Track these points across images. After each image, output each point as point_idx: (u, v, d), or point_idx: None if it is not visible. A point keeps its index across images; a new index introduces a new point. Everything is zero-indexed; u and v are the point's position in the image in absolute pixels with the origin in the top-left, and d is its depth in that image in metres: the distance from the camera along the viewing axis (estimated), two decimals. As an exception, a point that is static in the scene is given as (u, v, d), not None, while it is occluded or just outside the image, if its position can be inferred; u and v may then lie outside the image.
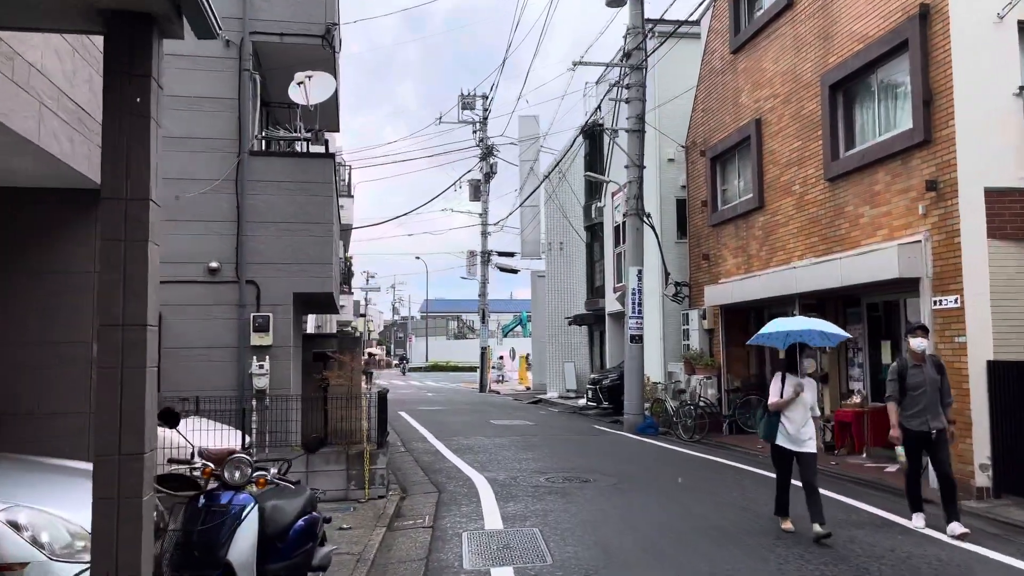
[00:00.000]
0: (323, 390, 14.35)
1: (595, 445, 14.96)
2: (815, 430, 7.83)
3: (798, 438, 7.66)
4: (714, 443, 15.09)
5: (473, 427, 18.18)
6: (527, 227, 30.38)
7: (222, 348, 9.96)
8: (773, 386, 7.84)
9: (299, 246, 10.18)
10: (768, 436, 7.89)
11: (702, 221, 17.45)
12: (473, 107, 36.87)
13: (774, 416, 7.79)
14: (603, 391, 21.45)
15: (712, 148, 16.79)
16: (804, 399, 7.67)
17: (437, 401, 28.06)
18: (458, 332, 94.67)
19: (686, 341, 17.91)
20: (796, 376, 7.82)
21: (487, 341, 36.75)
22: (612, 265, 22.97)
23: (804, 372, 7.90)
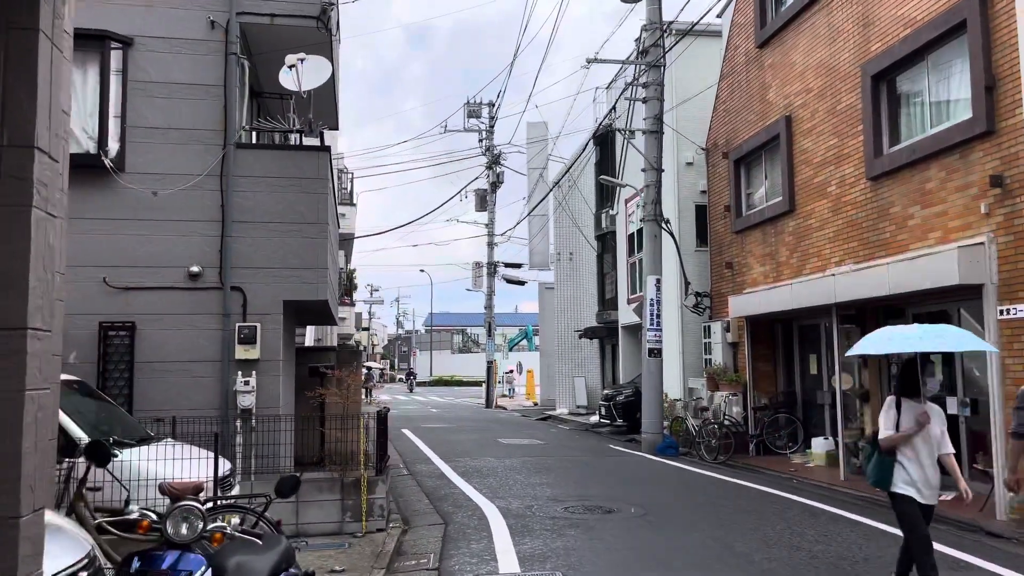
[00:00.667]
0: (320, 409, 13.33)
1: (613, 468, 13.86)
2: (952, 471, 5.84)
3: (928, 484, 5.66)
4: (741, 465, 13.98)
5: (481, 446, 17.09)
6: (535, 237, 29.36)
7: (203, 362, 8.92)
8: (885, 416, 5.78)
9: (290, 249, 9.15)
10: (880, 482, 5.80)
11: (725, 227, 16.40)
12: (479, 115, 35.97)
13: (888, 456, 5.73)
14: (617, 408, 20.35)
15: (736, 149, 15.77)
16: (931, 433, 5.68)
17: (442, 418, 26.96)
18: (463, 346, 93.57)
19: (708, 355, 16.83)
20: (917, 401, 5.79)
21: (493, 355, 35.68)
22: (626, 275, 21.92)
23: (926, 396, 6.02)
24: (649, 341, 16.27)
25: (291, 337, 10.70)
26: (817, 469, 12.97)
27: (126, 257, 8.90)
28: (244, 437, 8.85)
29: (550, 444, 17.82)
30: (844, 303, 11.65)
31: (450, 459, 14.80)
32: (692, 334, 17.78)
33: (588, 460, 14.93)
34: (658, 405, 16.27)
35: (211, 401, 8.86)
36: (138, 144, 9.01)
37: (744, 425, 15.10)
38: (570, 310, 28.15)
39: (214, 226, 9.08)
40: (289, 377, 10.19)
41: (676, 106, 17.86)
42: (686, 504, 10.13)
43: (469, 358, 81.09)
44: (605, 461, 14.74)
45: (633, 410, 19.83)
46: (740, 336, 15.60)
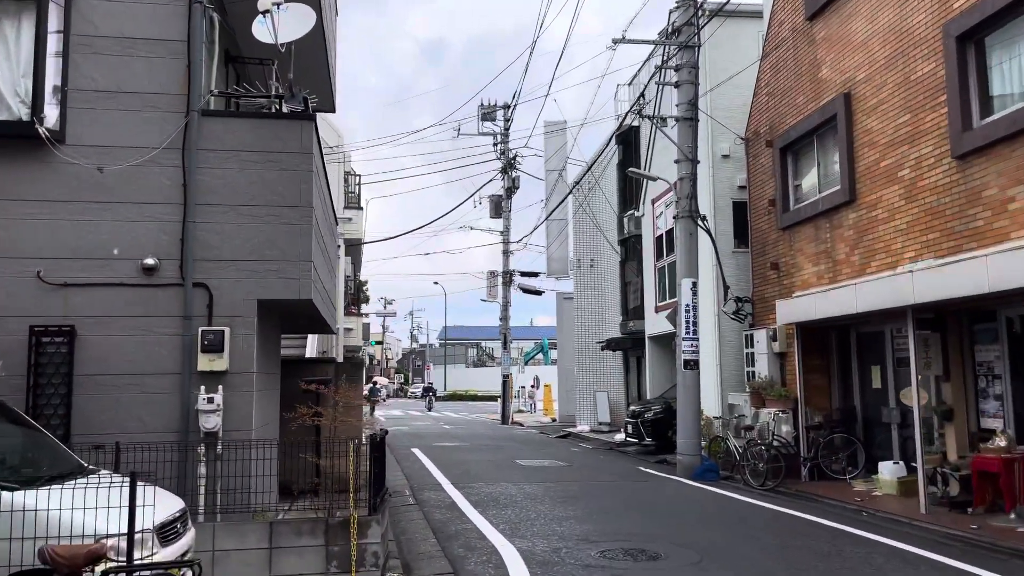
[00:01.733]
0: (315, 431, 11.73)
1: (649, 496, 12.12)
2: None
3: None
4: (794, 493, 12.21)
5: (497, 469, 15.38)
6: (553, 243, 27.71)
7: (159, 375, 7.30)
8: None
9: (267, 237, 7.54)
10: None
11: (769, 224, 14.68)
12: (493, 118, 34.45)
13: None
14: (645, 426, 18.58)
15: (782, 136, 14.07)
16: None
17: (455, 435, 25.26)
18: (477, 360, 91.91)
19: (750, 367, 15.07)
20: None
21: (509, 369, 33.96)
22: (653, 281, 20.21)
23: None
24: (685, 352, 14.54)
25: (274, 346, 9.07)
26: (887, 499, 11.18)
27: (65, 247, 7.32)
28: (208, 467, 7.20)
29: (573, 466, 16.09)
30: (923, 305, 9.90)
31: (463, 485, 13.11)
32: (731, 344, 16.03)
33: (618, 486, 13.19)
34: (696, 424, 14.52)
35: (168, 423, 7.23)
36: (82, 111, 7.44)
37: (795, 446, 13.32)
38: (591, 320, 26.44)
39: (174, 210, 7.48)
40: (270, 393, 8.55)
41: (710, 91, 16.20)
42: (747, 546, 8.39)
43: (484, 372, 79.43)
44: (638, 488, 13.00)
45: (663, 428, 18.12)
46: (789, 345, 13.85)
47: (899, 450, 12.05)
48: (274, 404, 8.80)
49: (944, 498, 10.24)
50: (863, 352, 13.11)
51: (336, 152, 22.45)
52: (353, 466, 7.18)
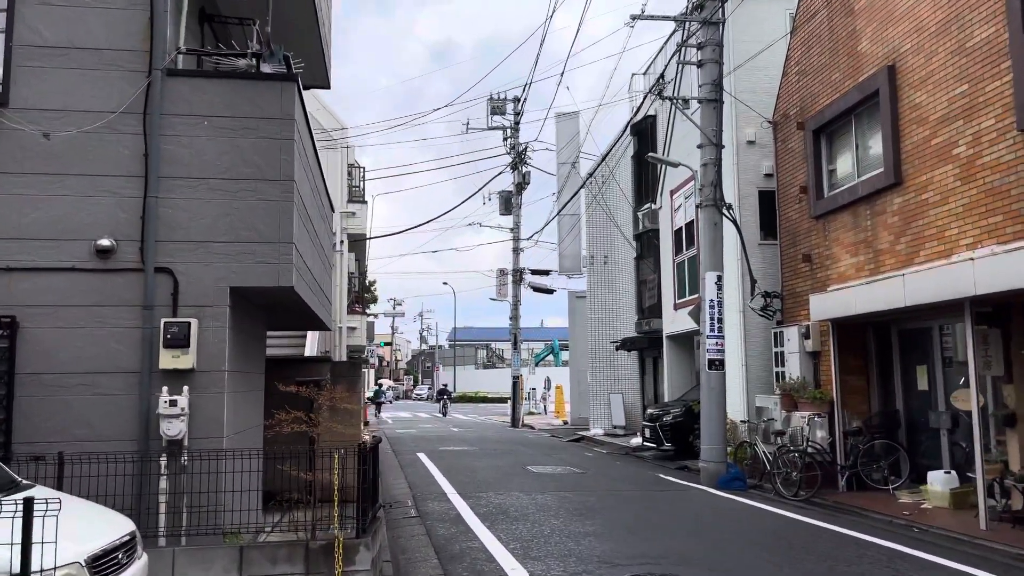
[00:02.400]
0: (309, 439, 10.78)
1: (673, 508, 11.06)
2: None
3: None
4: (832, 504, 11.15)
5: (507, 476, 14.35)
6: (565, 239, 26.65)
7: (114, 374, 6.31)
8: None
9: (241, 216, 6.54)
10: None
11: (800, 213, 13.61)
12: (503, 111, 33.45)
13: None
14: (664, 430, 17.51)
15: (815, 117, 13.00)
16: None
17: (463, 438, 24.23)
18: (487, 361, 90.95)
19: (779, 367, 13.99)
20: None
21: (520, 370, 32.91)
22: (672, 277, 19.14)
23: None
24: (709, 351, 13.47)
25: (256, 342, 8.08)
26: (938, 513, 10.09)
27: (7, 225, 6.36)
28: (171, 482, 6.20)
29: (589, 473, 15.04)
30: (984, 297, 8.81)
31: (470, 494, 12.09)
32: (757, 342, 14.96)
33: (638, 496, 12.15)
34: (721, 428, 13.45)
35: (124, 429, 6.24)
36: (28, 70, 6.48)
37: (831, 453, 12.24)
38: (605, 320, 25.38)
39: (133, 183, 6.50)
40: (249, 396, 7.55)
41: (733, 71, 15.14)
42: (794, 571, 7.33)
43: (494, 374, 78.43)
44: (660, 498, 11.94)
45: (683, 433, 17.07)
46: (823, 344, 12.77)
47: (949, 458, 10.96)
48: (256, 408, 7.80)
49: (1006, 512, 9.15)
50: (906, 351, 12.02)
51: (339, 143, 21.51)
52: (339, 480, 6.16)
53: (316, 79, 10.05)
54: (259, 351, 8.14)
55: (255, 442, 7.44)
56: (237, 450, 6.44)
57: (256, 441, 7.67)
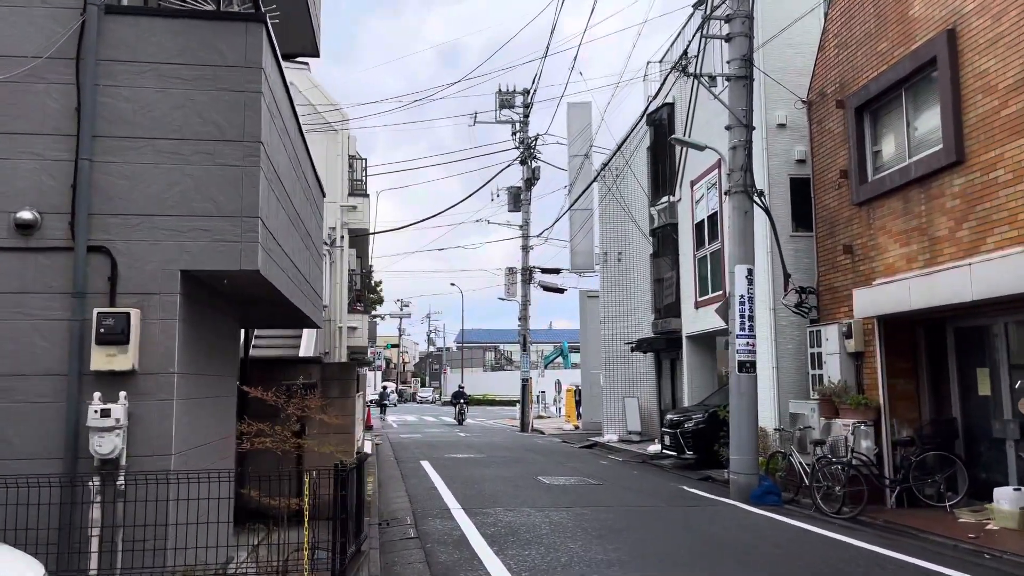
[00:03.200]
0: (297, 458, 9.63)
1: (706, 527, 9.82)
2: None
3: None
4: (882, 524, 9.92)
5: (516, 488, 13.15)
6: (577, 234, 25.42)
7: (36, 377, 5.14)
8: None
9: (197, 184, 5.37)
10: None
11: (839, 200, 12.37)
12: (512, 104, 32.28)
13: None
14: (685, 437, 16.27)
15: (857, 93, 11.77)
16: None
17: (470, 444, 23.03)
18: (495, 364, 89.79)
19: (816, 370, 12.74)
20: None
21: (529, 372, 31.68)
22: (692, 273, 17.91)
23: None
24: (740, 351, 12.24)
25: (223, 340, 6.87)
26: (1008, 535, 8.84)
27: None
28: (105, 511, 5.01)
29: (606, 485, 13.81)
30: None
31: (476, 510, 10.90)
32: (790, 342, 13.72)
33: (664, 513, 10.92)
34: (753, 437, 12.22)
35: (46, 445, 5.06)
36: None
37: (877, 465, 11.00)
38: (618, 319, 24.14)
39: (63, 144, 5.33)
40: (212, 404, 6.35)
41: (761, 46, 13.92)
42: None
43: (502, 376, 77.22)
44: (689, 515, 10.71)
45: (707, 440, 15.83)
46: (867, 344, 11.52)
47: (1017, 472, 9.70)
48: (221, 418, 6.61)
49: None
50: (964, 352, 10.77)
51: (337, 128, 20.37)
52: (310, 507, 4.98)
53: (302, 45, 8.87)
54: (229, 351, 6.97)
55: (221, 459, 6.25)
56: (191, 471, 5.25)
57: (223, 458, 6.48)
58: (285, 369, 10.38)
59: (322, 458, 10.05)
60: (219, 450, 6.36)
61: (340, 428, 10.44)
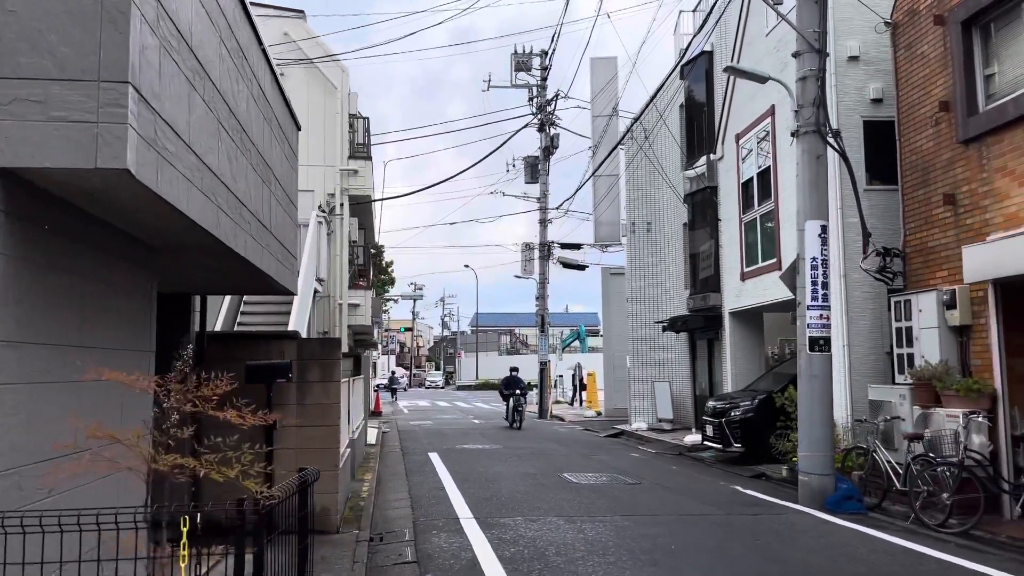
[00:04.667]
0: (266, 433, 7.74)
1: (781, 549, 7.65)
2: None
3: None
4: (1006, 541, 7.78)
5: (539, 489, 11.05)
6: (602, 203, 23.17)
7: None
8: None
9: (22, 26, 3.23)
10: None
11: (937, 140, 10.10)
12: (529, 68, 29.99)
13: None
14: (732, 427, 14.11)
15: (965, 4, 9.47)
16: None
17: (485, 433, 20.96)
18: (511, 347, 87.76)
19: (903, 348, 10.52)
20: None
21: (547, 355, 29.54)
22: (738, 240, 15.66)
23: None
24: (811, 326, 10.05)
25: (123, 300, 4.71)
26: None
27: None
28: None
29: (644, 485, 11.68)
30: None
31: (491, 519, 8.81)
32: (865, 315, 11.53)
33: (722, 524, 8.78)
34: (827, 429, 10.05)
35: None
36: None
37: (991, 466, 8.79)
38: (647, 296, 21.91)
39: None
40: (103, 394, 4.20)
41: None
42: None
43: (518, 360, 75.19)
44: (755, 528, 8.55)
45: (757, 431, 13.70)
46: (977, 315, 9.29)
47: None
48: (115, 416, 4.47)
49: None
50: (1108, 323, 8.54)
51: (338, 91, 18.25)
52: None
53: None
54: (133, 316, 4.84)
55: (117, 487, 4.11)
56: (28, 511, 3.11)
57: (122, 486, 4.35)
58: (253, 346, 8.28)
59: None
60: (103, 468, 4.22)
61: (321, 420, 8.35)
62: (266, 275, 6.63)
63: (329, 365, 8.46)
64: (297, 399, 8.34)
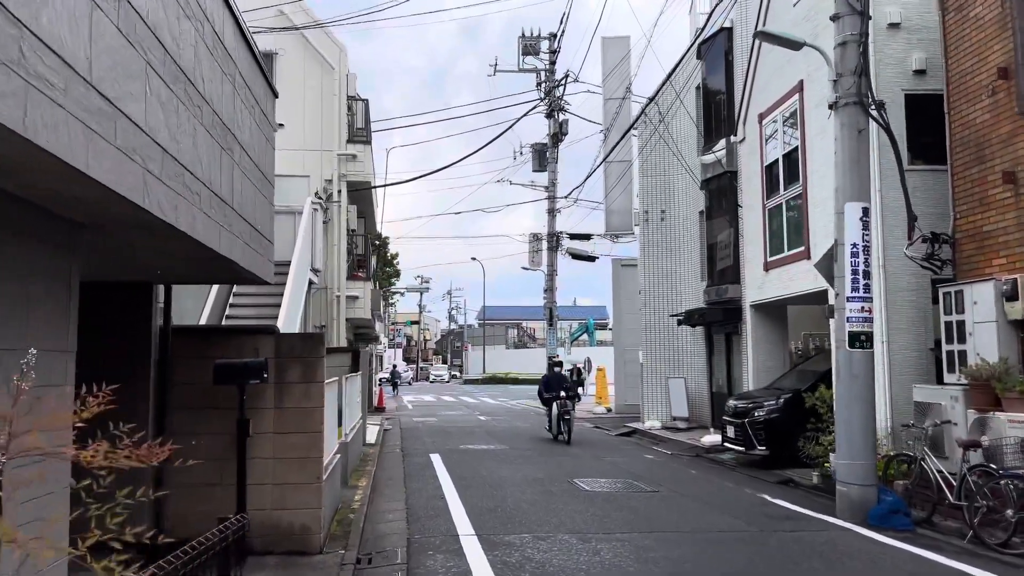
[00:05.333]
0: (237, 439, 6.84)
1: (822, 572, 6.65)
2: None
3: None
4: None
5: (548, 498, 10.07)
6: (613, 189, 22.10)
7: None
8: None
9: None
10: None
11: (993, 111, 9.04)
12: (537, 51, 28.92)
13: None
14: (756, 428, 13.11)
15: (1029, -44, 8.40)
16: None
17: (490, 431, 20.01)
18: (518, 341, 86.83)
19: (954, 345, 9.47)
20: None
21: (556, 349, 28.51)
22: (761, 228, 14.61)
23: None
24: (852, 320, 9.01)
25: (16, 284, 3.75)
26: None
27: None
28: None
29: (662, 493, 10.69)
30: None
31: (495, 537, 7.84)
32: (906, 308, 10.49)
33: (755, 542, 7.78)
34: (869, 435, 9.03)
35: None
36: None
37: (1060, 478, 7.75)
38: (661, 288, 20.87)
39: None
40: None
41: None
42: None
43: (525, 354, 74.31)
44: (792, 549, 7.54)
45: (783, 433, 12.74)
46: (1044, 307, 8.24)
47: None
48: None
49: None
50: None
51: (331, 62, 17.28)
52: None
53: None
54: (40, 304, 3.87)
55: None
56: None
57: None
58: (224, 343, 7.31)
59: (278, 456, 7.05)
60: None
61: (301, 426, 7.37)
62: (229, 260, 5.64)
63: (311, 364, 7.48)
64: (275, 402, 7.37)
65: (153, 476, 6.99)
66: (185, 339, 7.27)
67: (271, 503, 7.30)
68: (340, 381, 11.66)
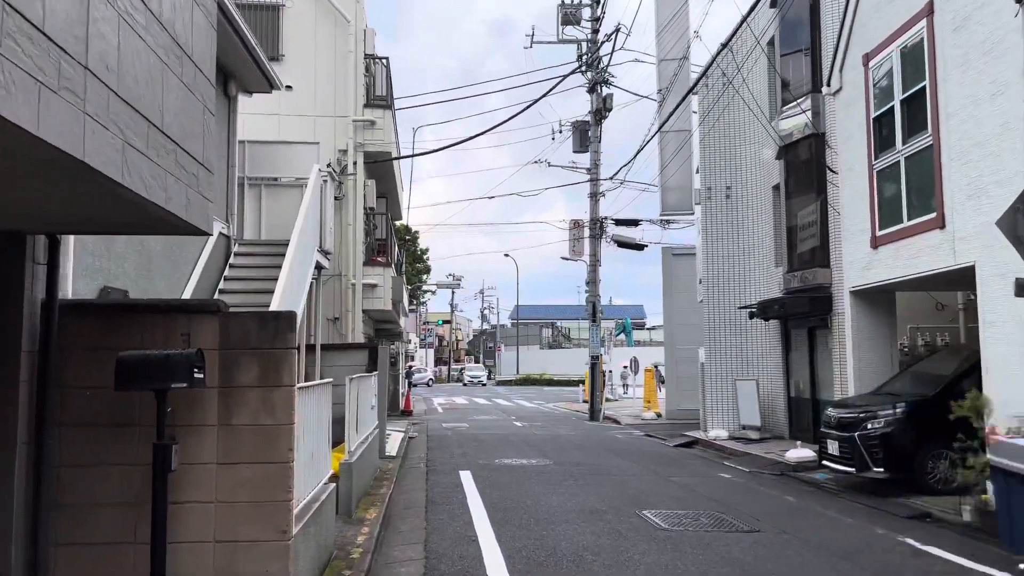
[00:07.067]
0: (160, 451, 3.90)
1: None
2: None
3: None
4: None
5: (616, 541, 7.42)
6: (669, 164, 19.34)
7: None
8: None
9: None
10: None
11: None
12: (578, 20, 26.32)
13: None
14: (870, 443, 10.36)
15: None
16: None
17: (530, 440, 17.39)
18: (552, 341, 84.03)
19: None
20: None
21: (599, 348, 25.84)
22: (868, 194, 11.80)
23: None
24: (1061, 297, 6.23)
25: None
26: None
27: None
28: None
29: (767, 533, 7.98)
30: None
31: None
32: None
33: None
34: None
35: None
36: None
37: None
38: (726, 277, 18.09)
39: None
40: None
41: None
42: None
43: (561, 354, 71.61)
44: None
45: (905, 450, 10.02)
46: None
47: None
48: None
49: None
50: None
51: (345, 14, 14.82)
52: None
53: None
54: None
55: None
56: None
57: None
58: (139, 326, 4.77)
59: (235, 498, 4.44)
60: None
61: (259, 453, 4.83)
62: (137, 196, 3.10)
63: (275, 358, 4.93)
64: (219, 417, 4.84)
65: (25, 530, 4.51)
66: (81, 319, 4.75)
67: (213, 571, 4.76)
68: (348, 385, 9.14)
